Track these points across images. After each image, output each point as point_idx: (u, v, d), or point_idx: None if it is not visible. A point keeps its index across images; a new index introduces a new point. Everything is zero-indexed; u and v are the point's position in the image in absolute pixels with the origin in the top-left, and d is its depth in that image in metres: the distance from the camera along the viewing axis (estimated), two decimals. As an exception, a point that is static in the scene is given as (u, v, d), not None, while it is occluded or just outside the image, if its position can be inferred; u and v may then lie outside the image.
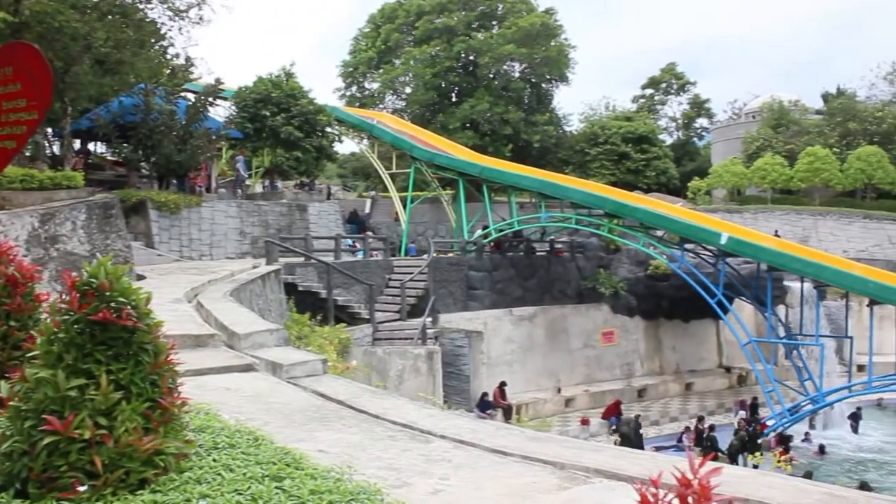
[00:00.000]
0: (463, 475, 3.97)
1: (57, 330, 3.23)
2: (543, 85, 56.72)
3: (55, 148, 24.82)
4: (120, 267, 3.30)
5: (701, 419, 26.84)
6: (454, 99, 54.71)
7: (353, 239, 31.12)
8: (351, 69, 58.49)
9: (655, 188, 51.10)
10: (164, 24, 22.59)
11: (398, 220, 40.14)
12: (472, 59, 53.86)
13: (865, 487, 17.28)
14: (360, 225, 37.11)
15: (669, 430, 27.75)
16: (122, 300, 3.25)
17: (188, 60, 26.65)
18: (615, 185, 41.22)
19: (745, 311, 31.18)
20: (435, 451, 4.49)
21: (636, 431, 24.67)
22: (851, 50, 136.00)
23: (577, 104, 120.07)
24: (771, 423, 25.53)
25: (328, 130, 33.75)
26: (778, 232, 40.02)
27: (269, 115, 30.64)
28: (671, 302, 33.37)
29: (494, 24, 55.37)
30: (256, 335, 8.19)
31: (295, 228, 28.43)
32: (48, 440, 2.97)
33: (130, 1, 20.94)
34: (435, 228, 41.88)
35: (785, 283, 31.17)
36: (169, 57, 25.02)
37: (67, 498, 2.94)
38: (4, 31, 16.31)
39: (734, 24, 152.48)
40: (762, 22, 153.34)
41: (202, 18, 22.73)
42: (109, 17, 20.03)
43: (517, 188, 33.06)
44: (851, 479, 21.90)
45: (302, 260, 23.94)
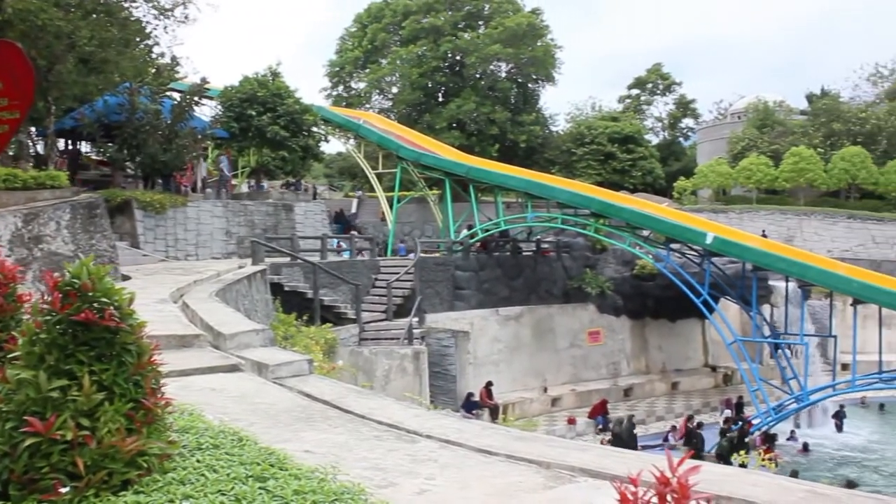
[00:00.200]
0: (449, 475, 3.97)
1: (39, 331, 3.21)
2: (530, 85, 56.85)
3: (39, 147, 24.64)
4: (102, 267, 3.28)
5: (691, 417, 26.97)
6: (441, 99, 54.75)
7: (339, 239, 31.04)
8: (337, 69, 58.43)
9: (641, 188, 51.26)
10: (149, 22, 22.44)
11: (385, 220, 40.09)
12: (458, 58, 53.90)
13: (852, 486, 17.40)
14: (345, 225, 37.02)
15: (656, 429, 27.89)
16: (104, 300, 3.23)
17: (173, 59, 26.53)
18: (601, 185, 41.32)
19: (730, 310, 31.35)
20: (421, 451, 4.48)
21: (629, 432, 24.73)
22: (835, 51, 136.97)
23: (563, 104, 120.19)
24: (756, 421, 25.65)
25: (314, 130, 33.65)
26: (765, 232, 40.26)
27: (255, 114, 30.52)
28: (657, 301, 33.52)
29: (481, 24, 55.44)
30: (242, 335, 8.15)
31: (281, 228, 28.34)
32: (30, 442, 2.95)
33: (115, -1, 20.82)
34: (421, 228, 41.86)
35: (770, 282, 31.36)
36: (154, 56, 24.85)
37: (49, 500, 2.92)
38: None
39: (720, 25, 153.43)
40: (748, 23, 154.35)
41: (187, 17, 22.61)
42: (94, 15, 19.87)
43: (504, 188, 33.11)
44: (834, 476, 22.06)
45: (288, 260, 23.86)
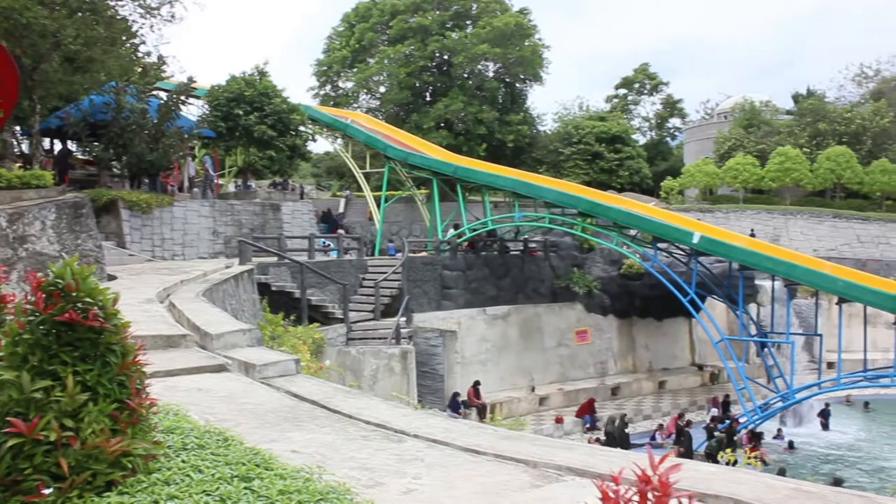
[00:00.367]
0: (436, 474, 3.97)
1: (22, 331, 3.19)
2: (517, 85, 56.89)
3: (24, 146, 24.46)
4: (86, 267, 3.26)
5: (681, 415, 27.12)
6: (428, 98, 54.74)
7: (326, 238, 30.97)
8: (325, 68, 58.31)
9: (629, 188, 51.42)
10: (135, 21, 22.28)
11: (372, 219, 40.05)
12: (446, 58, 53.89)
13: (838, 484, 17.50)
14: (332, 224, 36.97)
15: (643, 427, 27.98)
16: (88, 300, 3.21)
17: (160, 59, 26.38)
18: (589, 184, 41.47)
19: (717, 309, 31.48)
20: (408, 450, 4.48)
21: (622, 431, 24.83)
22: (821, 52, 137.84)
23: (550, 104, 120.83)
24: (743, 419, 25.78)
25: (302, 129, 33.57)
26: (754, 231, 40.47)
27: (242, 113, 30.41)
28: (644, 300, 33.62)
29: (468, 23, 55.48)
30: (229, 335, 8.12)
31: (268, 228, 28.25)
32: (12, 443, 2.93)
33: (100, -3, 20.66)
34: (409, 228, 41.84)
35: (756, 281, 31.52)
36: (140, 55, 24.69)
37: (32, 501, 2.90)
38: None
39: (707, 25, 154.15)
40: (735, 23, 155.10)
41: (174, 16, 22.47)
42: (79, 13, 19.73)
43: (491, 188, 33.13)
44: (819, 474, 22.17)
45: (275, 260, 23.79)
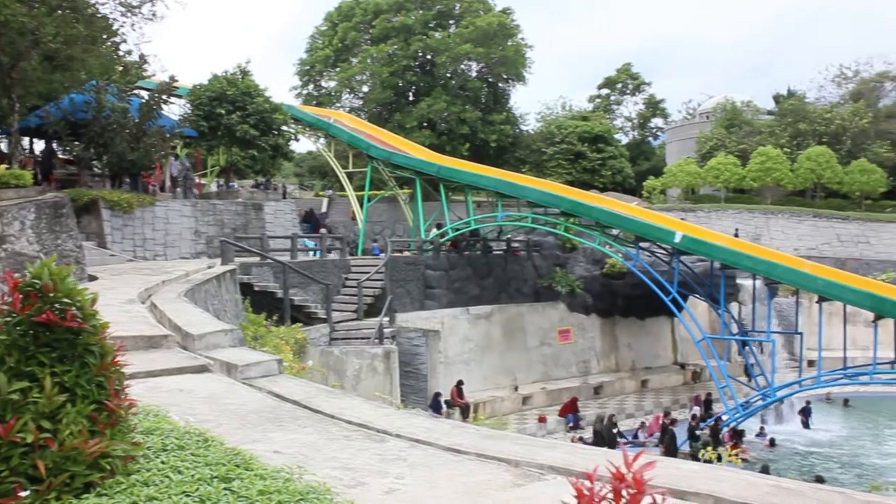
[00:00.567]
0: (418, 474, 3.96)
1: (-1, 332, 3.15)
2: (500, 84, 56.96)
3: (2, 146, 24.23)
4: (64, 267, 3.23)
5: (667, 413, 27.26)
6: (411, 98, 54.72)
7: (308, 238, 30.86)
8: (307, 67, 58.16)
9: (611, 187, 51.61)
10: (115, 19, 22.11)
11: (355, 219, 39.96)
12: (429, 58, 53.89)
13: (820, 482, 17.63)
14: (314, 224, 36.86)
15: (626, 426, 28.04)
16: (66, 301, 3.19)
17: (141, 57, 26.19)
18: (571, 184, 41.59)
19: (699, 308, 31.64)
20: (390, 450, 4.47)
21: (609, 430, 24.93)
22: (801, 52, 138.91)
23: (533, 104, 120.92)
24: (725, 417, 25.94)
25: (284, 129, 33.47)
26: (738, 231, 40.73)
27: (224, 113, 30.28)
28: (627, 300, 33.73)
29: (452, 23, 55.48)
30: (211, 336, 8.08)
31: (251, 228, 28.13)
32: (-11, 445, 2.90)
33: (81, -5, 20.49)
34: (392, 228, 41.79)
35: (738, 280, 31.72)
36: (121, 53, 24.53)
37: (9, 504, 2.87)
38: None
39: (689, 26, 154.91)
40: (717, 24, 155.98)
41: (155, 14, 22.33)
42: (59, 11, 19.56)
43: (474, 187, 33.11)
44: (801, 471, 22.35)
45: (258, 260, 23.71)
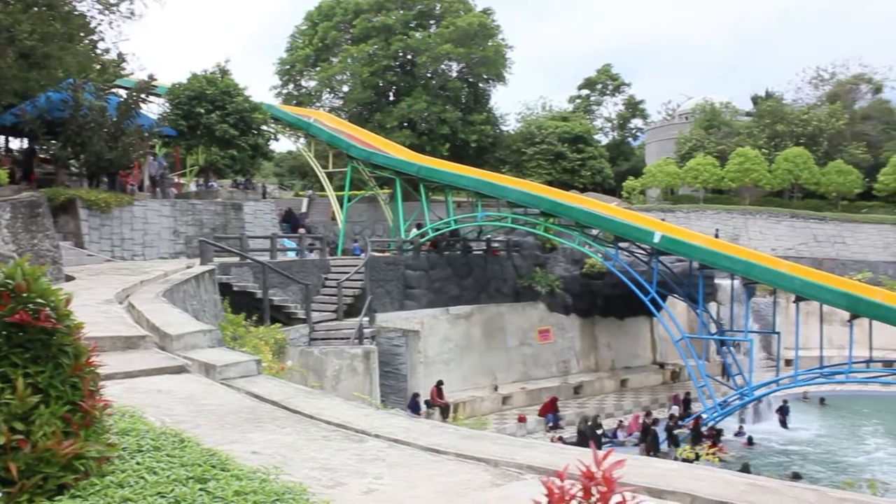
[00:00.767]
0: (397, 474, 3.95)
1: (-29, 333, 3.11)
2: (481, 84, 57.01)
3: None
4: (38, 268, 3.20)
5: (648, 413, 27.38)
6: (392, 98, 54.65)
7: (288, 238, 30.72)
8: (288, 67, 57.94)
9: (591, 187, 51.84)
10: (93, 17, 21.94)
11: (335, 219, 39.86)
12: (409, 58, 53.84)
13: (797, 479, 17.81)
14: (293, 224, 36.73)
15: (605, 426, 28.10)
16: (40, 301, 3.15)
17: (119, 56, 25.98)
18: (551, 184, 41.73)
19: (677, 308, 31.84)
20: (369, 450, 4.46)
21: (593, 430, 25.01)
22: (779, 54, 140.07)
23: (514, 104, 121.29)
24: (705, 416, 26.11)
25: (264, 128, 33.30)
26: (718, 232, 41.03)
27: (203, 112, 30.06)
28: (606, 300, 33.87)
29: (432, 23, 55.47)
30: (189, 336, 8.02)
31: (230, 228, 27.96)
32: (-40, 447, 2.86)
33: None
34: (372, 228, 41.74)
35: (716, 280, 31.94)
36: (99, 52, 24.32)
37: (-20, 506, 2.84)
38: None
39: (669, 26, 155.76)
40: (696, 26, 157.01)
41: (133, 13, 22.18)
42: (35, 8, 19.38)
43: (454, 187, 33.12)
44: (778, 469, 22.52)
45: (237, 260, 23.56)
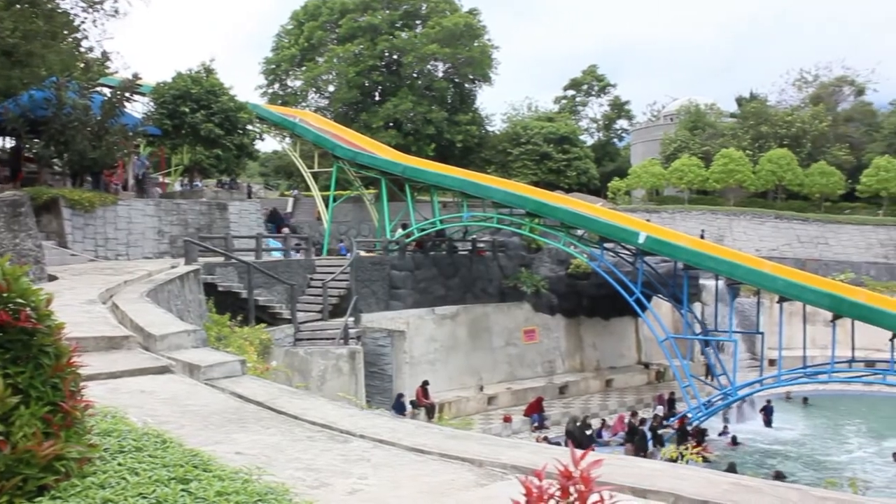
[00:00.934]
0: (382, 474, 3.94)
1: (-50, 333, 3.08)
2: (466, 85, 57.08)
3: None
4: (18, 267, 3.17)
5: (635, 413, 27.45)
6: (377, 98, 54.60)
7: (273, 238, 30.61)
8: (273, 66, 57.81)
9: (576, 188, 51.99)
10: (77, 15, 21.78)
11: (320, 219, 39.78)
12: (395, 58, 53.82)
13: (780, 478, 17.91)
14: (277, 224, 36.62)
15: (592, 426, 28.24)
16: (20, 301, 3.13)
17: (103, 54, 25.84)
18: (537, 184, 41.79)
19: (662, 308, 31.95)
20: (354, 450, 4.45)
21: (582, 431, 25.06)
22: (763, 56, 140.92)
23: (499, 104, 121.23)
24: (689, 416, 26.20)
25: (249, 128, 33.19)
26: (704, 232, 41.21)
27: (188, 111, 29.94)
28: (591, 300, 33.93)
29: (418, 23, 55.48)
30: (173, 336, 7.97)
31: (215, 228, 27.85)
32: (-61, 448, 2.83)
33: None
34: (357, 228, 41.67)
35: (700, 281, 32.09)
36: (83, 50, 24.14)
37: (-41, 508, 2.81)
38: None
39: (655, 28, 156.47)
40: (682, 27, 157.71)
41: (117, 11, 22.05)
42: (17, 5, 19.24)
43: (440, 187, 33.11)
44: (762, 468, 22.66)
45: (222, 260, 23.47)
